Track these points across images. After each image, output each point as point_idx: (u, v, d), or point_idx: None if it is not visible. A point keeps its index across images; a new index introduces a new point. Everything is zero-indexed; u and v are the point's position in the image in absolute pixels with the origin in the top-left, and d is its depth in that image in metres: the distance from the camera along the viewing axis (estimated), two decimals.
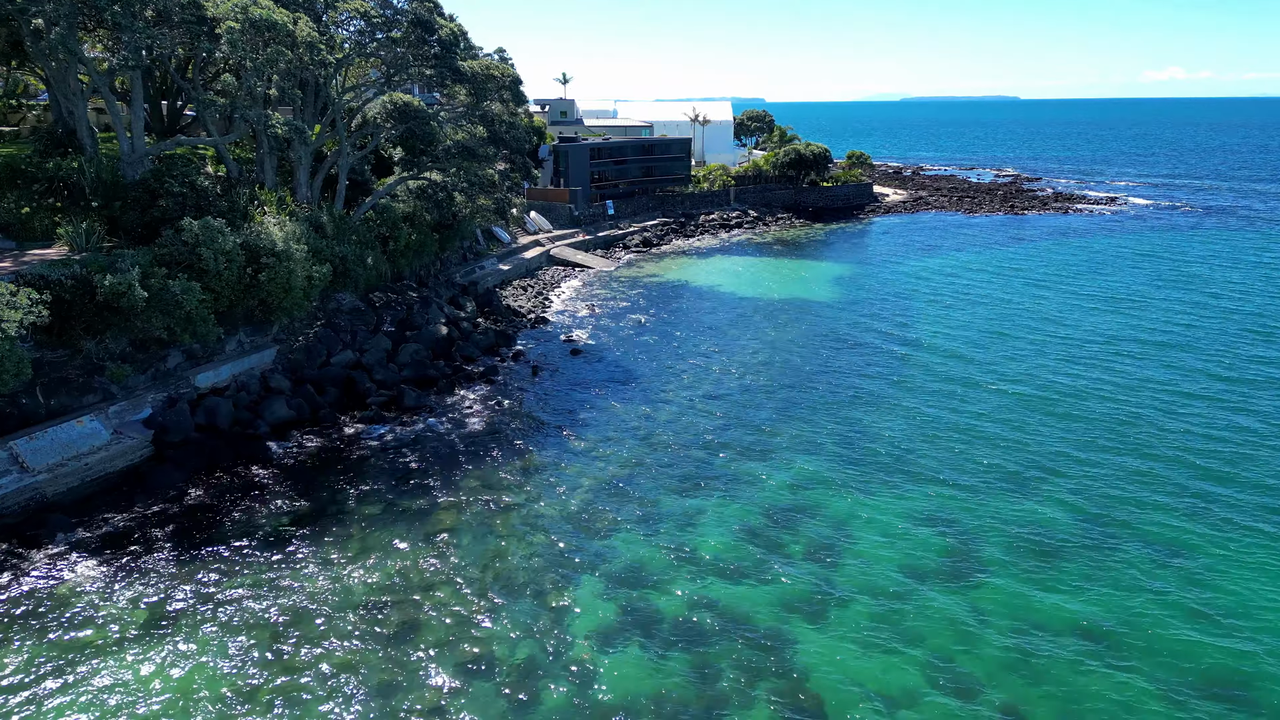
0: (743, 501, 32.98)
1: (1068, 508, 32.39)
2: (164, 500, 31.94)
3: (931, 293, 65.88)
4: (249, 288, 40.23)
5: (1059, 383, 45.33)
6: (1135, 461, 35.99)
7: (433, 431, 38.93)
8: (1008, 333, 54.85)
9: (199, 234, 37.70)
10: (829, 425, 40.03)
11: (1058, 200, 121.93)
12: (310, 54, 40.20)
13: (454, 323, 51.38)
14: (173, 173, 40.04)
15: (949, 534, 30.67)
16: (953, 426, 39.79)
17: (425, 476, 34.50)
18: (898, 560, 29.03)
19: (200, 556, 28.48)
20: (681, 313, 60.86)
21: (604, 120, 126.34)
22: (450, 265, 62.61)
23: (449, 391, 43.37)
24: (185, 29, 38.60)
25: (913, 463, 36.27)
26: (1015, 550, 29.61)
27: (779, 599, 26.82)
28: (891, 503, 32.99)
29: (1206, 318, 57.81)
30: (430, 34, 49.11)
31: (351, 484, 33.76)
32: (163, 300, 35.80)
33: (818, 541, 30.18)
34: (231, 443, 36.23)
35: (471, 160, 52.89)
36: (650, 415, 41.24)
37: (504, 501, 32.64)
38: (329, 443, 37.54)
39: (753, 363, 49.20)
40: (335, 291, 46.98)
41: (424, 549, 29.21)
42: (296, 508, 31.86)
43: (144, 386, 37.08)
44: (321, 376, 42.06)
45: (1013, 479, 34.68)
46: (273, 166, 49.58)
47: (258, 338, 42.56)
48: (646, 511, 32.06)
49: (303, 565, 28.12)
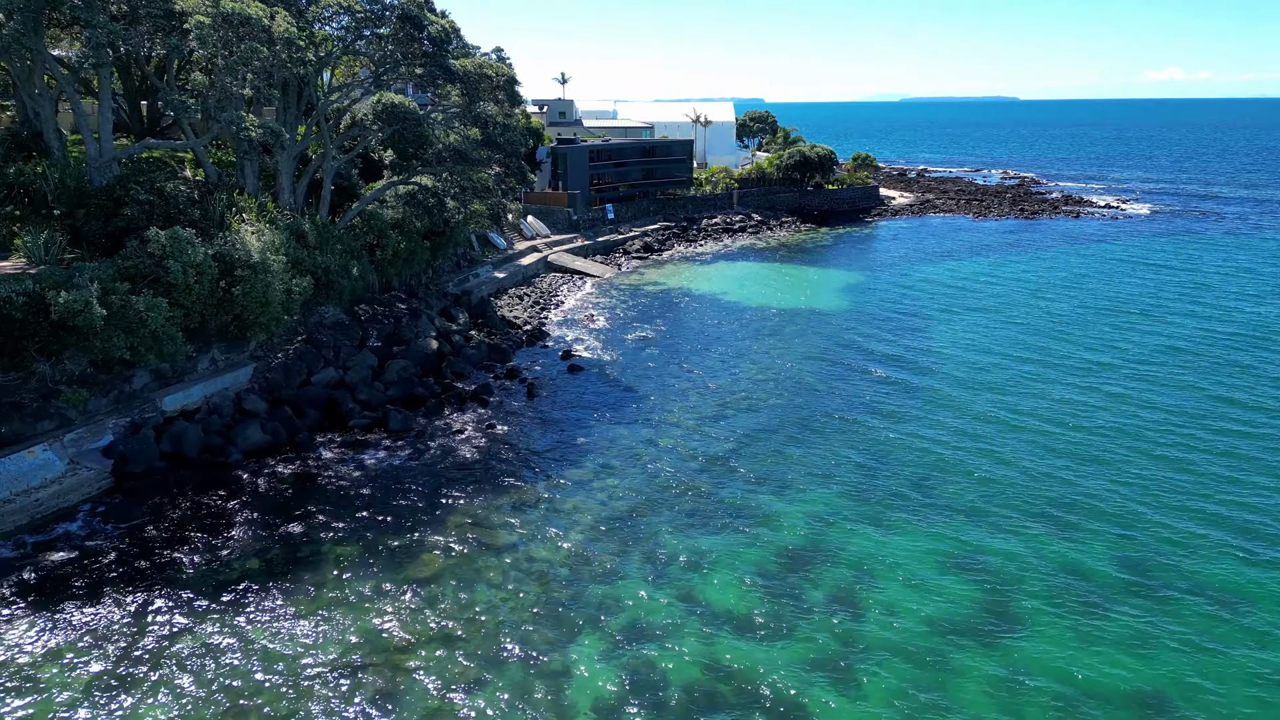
0: (754, 540, 30.21)
1: (1109, 549, 29.62)
2: (118, 540, 29.11)
3: (946, 303, 63.09)
4: (222, 302, 37.43)
5: (1090, 405, 42.54)
6: (1183, 497, 33.22)
7: (419, 459, 36.14)
8: (1031, 348, 52.08)
9: (166, 245, 34.89)
10: (844, 452, 37.27)
11: (1068, 203, 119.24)
12: (289, 51, 37.38)
13: (445, 336, 48.58)
14: (138, 178, 37.20)
15: (980, 580, 27.90)
16: (976, 453, 37.04)
17: (409, 512, 31.70)
18: (926, 612, 26.26)
19: (152, 606, 25.65)
20: (685, 324, 58.08)
21: (604, 121, 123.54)
22: (443, 274, 59.81)
23: (438, 413, 40.56)
24: (152, 24, 35.75)
25: (934, 494, 33.52)
26: (1055, 601, 26.84)
27: (798, 660, 24.06)
28: (915, 542, 30.23)
29: (1248, 336, 55.04)
30: (420, 31, 46.29)
31: (328, 520, 30.95)
32: (124, 318, 32.98)
33: (838, 589, 27.43)
34: (200, 472, 33.45)
35: (464, 164, 50.09)
36: (653, 440, 38.47)
37: (494, 542, 29.84)
38: (306, 471, 34.73)
39: (760, 380, 46.42)
40: (318, 304, 44.16)
41: (404, 600, 26.41)
42: (265, 548, 29.05)
43: (105, 411, 34.27)
44: (300, 397, 39.24)
45: (1046, 515, 31.92)
46: (254, 171, 46.74)
47: (233, 355, 39.76)
48: (650, 553, 29.28)
49: (267, 619, 25.31)
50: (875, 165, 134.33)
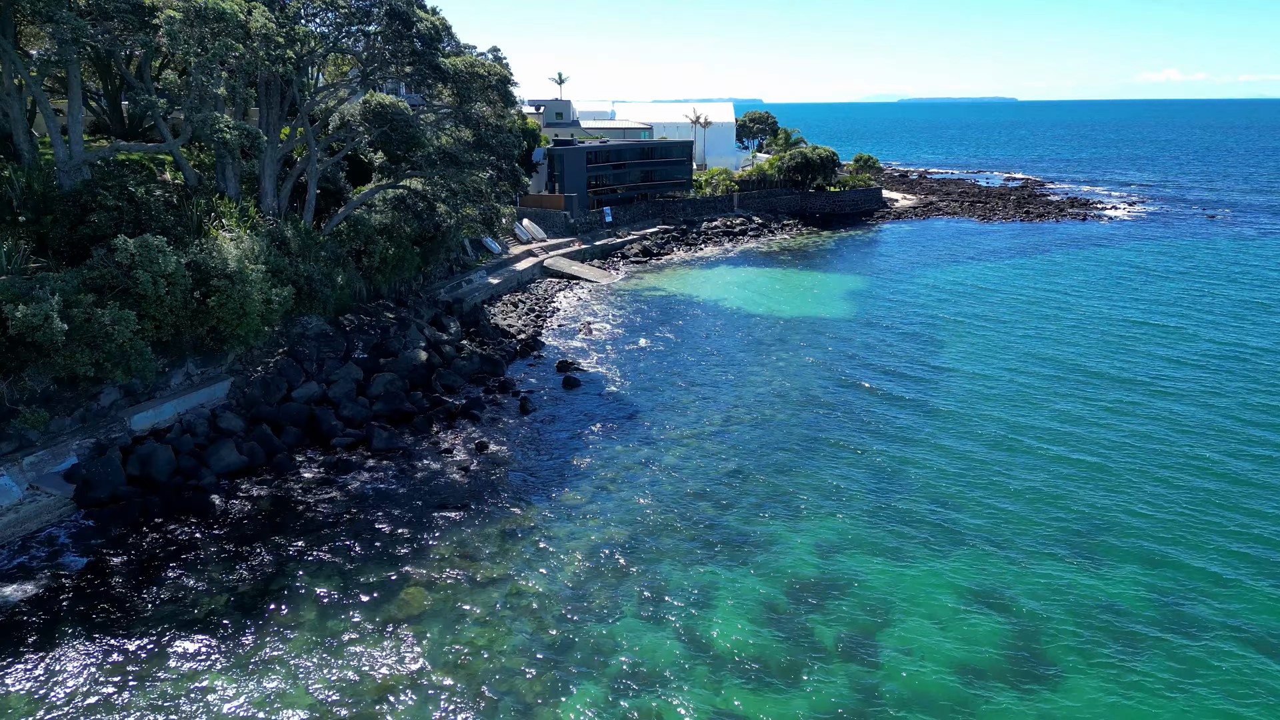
0: (762, 572, 28.16)
1: (1143, 581, 27.58)
2: (75, 575, 27.00)
3: (955, 312, 61.02)
4: (197, 314, 35.33)
5: (1108, 422, 40.47)
6: (1213, 519, 31.17)
7: (404, 481, 34.05)
8: (1044, 360, 50.01)
9: (135, 253, 32.79)
10: (855, 473, 35.21)
11: (1073, 206, 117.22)
12: (267, 48, 35.27)
13: (435, 347, 46.46)
14: (107, 183, 35.09)
15: (1007, 618, 25.87)
16: (990, 473, 34.98)
17: (392, 541, 29.60)
18: (950, 655, 24.23)
19: (109, 649, 23.55)
20: (685, 333, 56.00)
21: (602, 122, 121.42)
22: (434, 280, 57.72)
23: (425, 430, 38.45)
24: (121, 19, 33.64)
25: (953, 520, 31.48)
26: (1089, 641, 24.81)
27: (812, 711, 22.03)
28: (934, 573, 28.19)
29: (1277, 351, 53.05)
30: (409, 28, 44.21)
31: (304, 551, 28.85)
32: (89, 332, 30.87)
33: (854, 628, 25.38)
34: (169, 497, 31.32)
35: (455, 167, 48.00)
36: (652, 459, 36.40)
37: (483, 575, 27.74)
38: (283, 495, 32.63)
39: (765, 394, 44.34)
40: (300, 315, 42.05)
41: (384, 643, 24.32)
42: (237, 583, 26.95)
43: (69, 431, 32.16)
44: (280, 414, 37.13)
45: (1072, 542, 29.87)
46: (235, 174, 44.64)
47: (209, 369, 37.66)
48: (650, 587, 27.21)
49: (231, 665, 23.22)
50: (878, 167, 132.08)
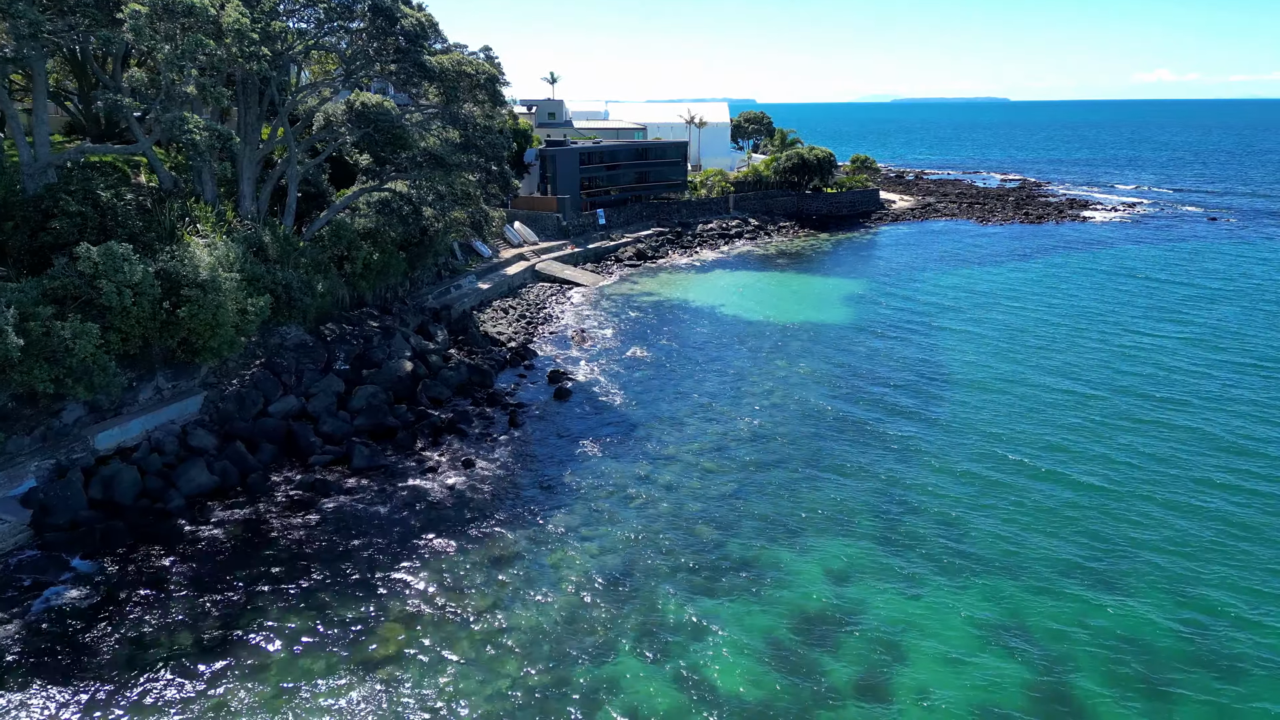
0: (766, 604, 26.42)
1: (1170, 613, 25.90)
2: (27, 609, 25.11)
3: (958, 318, 59.35)
4: (166, 325, 33.42)
5: (1122, 436, 38.81)
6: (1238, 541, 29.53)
7: (385, 502, 32.20)
8: (1052, 369, 48.34)
9: (99, 262, 30.88)
10: (860, 492, 33.49)
11: (1072, 207, 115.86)
12: (240, 45, 33.39)
13: (421, 356, 44.58)
14: (71, 187, 33.17)
15: (1026, 653, 24.19)
16: (1001, 492, 33.30)
17: (369, 570, 27.76)
18: (968, 696, 22.53)
19: (61, 699, 21.69)
20: (681, 340, 54.22)
21: (595, 122, 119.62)
22: (421, 286, 55.84)
23: (410, 446, 36.59)
24: (84, 13, 31.73)
25: (965, 544, 29.78)
26: (1115, 681, 23.13)
27: None
28: (948, 604, 26.48)
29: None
30: (393, 24, 42.35)
31: (276, 581, 26.99)
32: (47, 347, 28.97)
33: (864, 666, 23.66)
34: (134, 521, 29.42)
35: (442, 169, 46.13)
36: (648, 478, 34.62)
37: (466, 609, 25.92)
38: (257, 519, 30.75)
39: (764, 406, 42.59)
40: (278, 324, 40.15)
41: (359, 687, 22.48)
42: (202, 619, 25.09)
43: (28, 451, 30.25)
44: (256, 430, 35.26)
45: (1092, 570, 28.18)
46: (211, 176, 42.68)
47: (180, 383, 35.76)
48: (647, 621, 25.44)
49: (199, 716, 21.36)
50: (875, 168, 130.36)
